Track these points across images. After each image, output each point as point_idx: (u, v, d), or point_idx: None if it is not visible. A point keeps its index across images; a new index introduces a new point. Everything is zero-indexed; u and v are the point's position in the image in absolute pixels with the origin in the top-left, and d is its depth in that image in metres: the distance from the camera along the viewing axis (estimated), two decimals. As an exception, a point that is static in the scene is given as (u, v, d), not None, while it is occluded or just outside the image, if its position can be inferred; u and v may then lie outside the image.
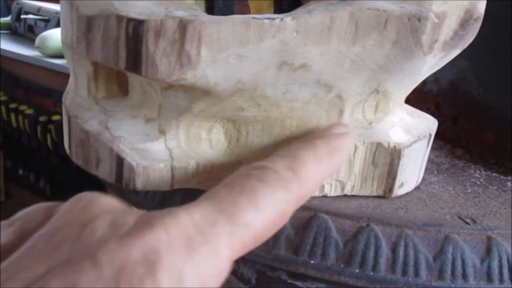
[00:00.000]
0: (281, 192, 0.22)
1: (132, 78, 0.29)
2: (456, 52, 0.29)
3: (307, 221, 0.28)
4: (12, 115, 1.91)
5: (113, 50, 0.25)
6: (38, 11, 1.85)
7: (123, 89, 0.31)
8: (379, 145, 0.29)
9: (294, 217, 0.28)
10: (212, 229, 0.19)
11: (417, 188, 0.33)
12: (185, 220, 0.18)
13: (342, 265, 0.27)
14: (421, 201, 0.31)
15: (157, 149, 0.28)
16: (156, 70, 0.25)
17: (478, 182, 0.35)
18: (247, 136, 0.29)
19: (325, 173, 0.25)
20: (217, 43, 0.24)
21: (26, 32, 1.90)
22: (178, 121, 0.28)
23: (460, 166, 0.39)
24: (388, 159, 0.30)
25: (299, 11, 0.26)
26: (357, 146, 0.29)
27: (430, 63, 0.28)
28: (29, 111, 1.86)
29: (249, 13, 0.35)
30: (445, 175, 0.36)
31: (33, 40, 1.71)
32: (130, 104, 0.30)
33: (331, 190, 0.30)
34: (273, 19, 0.25)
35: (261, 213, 0.20)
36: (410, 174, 0.31)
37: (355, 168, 0.30)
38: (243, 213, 0.20)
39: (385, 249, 0.27)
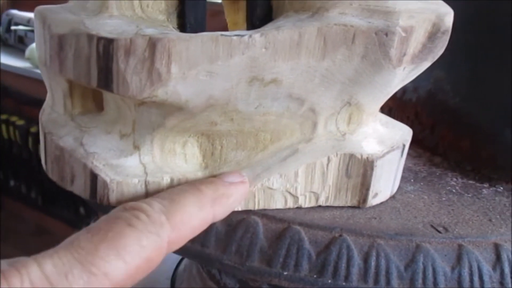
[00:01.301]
0: (149, 238, 0.21)
1: (107, 94, 0.29)
2: (426, 64, 0.30)
3: (280, 233, 0.28)
4: (3, 126, 1.91)
5: (85, 68, 0.26)
6: (28, 22, 1.85)
7: (99, 105, 0.31)
8: (352, 156, 0.30)
9: (268, 229, 0.29)
10: (63, 280, 0.18)
11: (392, 197, 0.33)
12: (34, 272, 0.17)
13: (314, 276, 0.27)
14: (395, 210, 0.32)
15: (131, 165, 0.28)
16: (127, 87, 0.25)
17: (454, 190, 0.36)
18: (222, 150, 0.30)
19: (206, 220, 0.25)
20: (187, 60, 0.25)
21: (16, 43, 1.90)
22: (152, 136, 0.28)
23: (438, 174, 0.39)
24: (361, 170, 0.30)
25: (268, 27, 0.26)
26: (330, 158, 0.30)
27: (400, 76, 0.29)
28: (20, 122, 1.86)
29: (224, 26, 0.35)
30: (422, 183, 0.37)
31: (24, 51, 1.71)
32: (105, 120, 0.30)
33: (305, 202, 0.31)
34: (242, 35, 0.25)
35: (123, 261, 0.20)
36: (384, 184, 0.32)
37: (328, 180, 0.30)
38: (103, 262, 0.19)
39: (357, 260, 0.27)
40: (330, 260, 0.27)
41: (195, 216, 0.24)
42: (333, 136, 0.30)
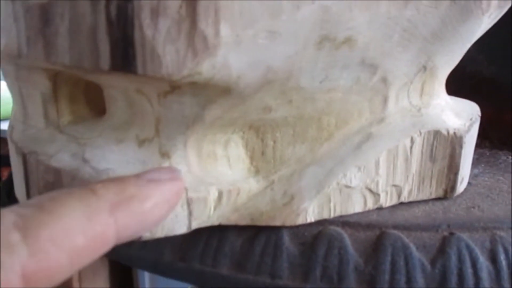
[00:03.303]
0: None
1: (111, 89, 0.21)
2: (504, 11, 0.24)
3: (375, 242, 0.21)
4: None
5: (89, 44, 0.18)
6: None
7: (95, 109, 0.23)
8: (437, 133, 0.24)
9: (357, 240, 0.21)
10: None
11: (468, 183, 0.27)
12: None
13: (435, 293, 0.20)
14: (485, 196, 0.26)
15: (163, 179, 0.20)
16: (158, 63, 0.17)
17: (520, 167, 0.30)
18: (275, 146, 0.22)
19: (100, 236, 0.16)
20: (241, 17, 0.17)
21: None
22: (186, 136, 0.20)
23: (488, 154, 0.34)
24: (448, 150, 0.24)
25: (336, -34, 0.20)
26: (414, 138, 0.23)
27: (484, 25, 0.23)
28: None
29: None
30: (483, 165, 0.31)
31: None
32: (110, 126, 0.22)
33: (387, 200, 0.24)
34: (309, -23, 0.18)
35: None
36: (467, 166, 0.26)
37: (412, 167, 0.24)
38: None
39: (483, 261, 0.21)
40: (450, 267, 0.20)
41: (78, 231, 0.15)
42: (407, 113, 0.24)
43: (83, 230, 0.15)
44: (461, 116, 0.25)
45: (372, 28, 0.20)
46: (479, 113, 0.27)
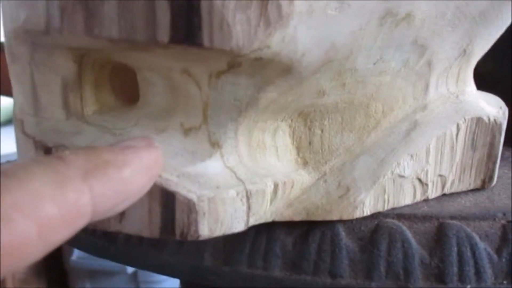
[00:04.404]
0: None
1: (148, 73, 0.19)
2: None
3: (437, 234, 0.20)
4: None
5: (144, 15, 0.16)
6: None
7: (121, 96, 0.20)
8: (479, 120, 0.23)
9: (417, 233, 0.20)
10: None
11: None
12: None
13: (504, 282, 0.19)
14: (517, 186, 0.25)
15: (215, 171, 0.18)
16: (228, 34, 0.15)
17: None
18: (322, 135, 0.21)
19: (71, 205, 0.13)
20: (314, -16, 0.16)
21: None
22: (237, 123, 0.18)
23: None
24: (488, 138, 0.23)
25: None
26: (460, 126, 0.22)
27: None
28: None
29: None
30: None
31: None
32: (147, 114, 0.19)
33: (433, 190, 0.23)
34: None
35: None
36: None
37: (457, 156, 0.23)
38: None
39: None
40: (518, 256, 0.19)
41: (47, 197, 0.13)
42: (447, 100, 0.23)
43: (53, 197, 0.13)
44: (492, 104, 0.25)
45: (429, 5, 0.19)
46: (502, 102, 0.26)
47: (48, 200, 0.13)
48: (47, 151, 0.18)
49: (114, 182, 0.15)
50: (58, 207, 0.13)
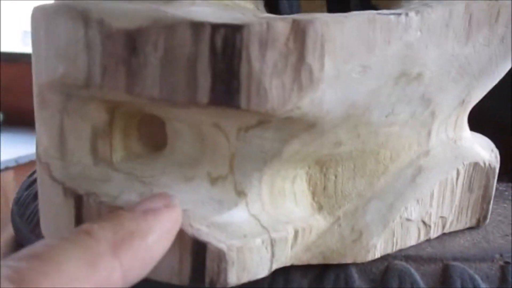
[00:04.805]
0: None
1: (177, 123, 0.20)
2: None
3: (442, 275, 0.21)
4: None
5: (186, 77, 0.17)
6: None
7: (148, 144, 0.21)
8: (476, 165, 0.25)
9: (424, 274, 0.21)
10: None
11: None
12: None
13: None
14: (507, 224, 0.27)
15: (241, 219, 0.19)
16: (264, 97, 0.17)
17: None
18: (336, 181, 0.22)
19: (106, 281, 0.14)
20: (341, 51, 0.17)
21: None
22: (262, 173, 0.20)
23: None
24: (483, 181, 0.25)
25: (413, 4, 0.20)
26: (459, 171, 0.24)
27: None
28: None
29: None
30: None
31: None
32: (174, 162, 0.20)
33: (434, 231, 0.24)
34: (398, 14, 0.18)
35: None
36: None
37: (456, 198, 0.24)
38: None
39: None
40: (516, 297, 0.21)
41: (83, 279, 0.13)
42: (446, 145, 0.25)
43: (87, 278, 0.14)
44: (484, 148, 0.27)
45: (438, 64, 0.21)
46: (493, 144, 0.28)
47: (83, 281, 0.13)
48: (78, 198, 0.19)
49: (140, 252, 0.15)
50: (93, 286, 0.14)
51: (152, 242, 0.16)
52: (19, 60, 1.56)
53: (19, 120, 1.54)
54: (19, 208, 0.32)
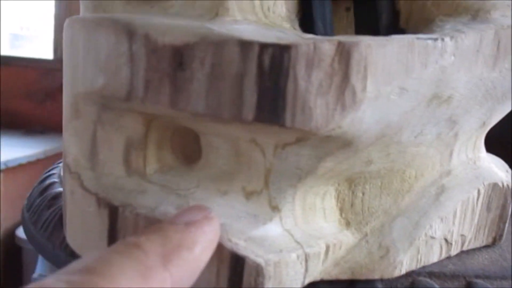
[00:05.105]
0: None
1: (213, 138, 0.20)
2: None
3: (465, 294, 0.22)
4: None
5: (232, 93, 0.17)
6: None
7: (180, 156, 0.21)
8: (495, 186, 0.25)
9: (447, 292, 0.22)
10: None
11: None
12: None
13: None
14: (520, 243, 0.28)
15: (276, 234, 0.19)
16: (309, 116, 0.17)
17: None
18: (363, 198, 0.22)
19: None
20: (382, 73, 0.18)
21: None
22: (295, 189, 0.20)
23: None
24: (501, 201, 0.26)
25: (446, 29, 0.21)
26: (480, 191, 0.25)
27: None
28: None
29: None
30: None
31: None
32: (209, 176, 0.20)
33: (454, 248, 0.25)
34: (435, 39, 0.19)
35: None
36: (506, 215, 0.28)
37: (475, 217, 0.25)
38: None
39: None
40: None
41: None
42: (467, 165, 0.25)
43: None
44: (500, 168, 0.27)
45: (467, 87, 0.21)
46: (507, 165, 0.29)
47: None
48: (113, 209, 0.19)
49: (188, 263, 0.16)
50: None
51: (199, 253, 0.16)
52: (8, 64, 1.56)
53: (8, 123, 1.53)
54: (31, 216, 0.32)
